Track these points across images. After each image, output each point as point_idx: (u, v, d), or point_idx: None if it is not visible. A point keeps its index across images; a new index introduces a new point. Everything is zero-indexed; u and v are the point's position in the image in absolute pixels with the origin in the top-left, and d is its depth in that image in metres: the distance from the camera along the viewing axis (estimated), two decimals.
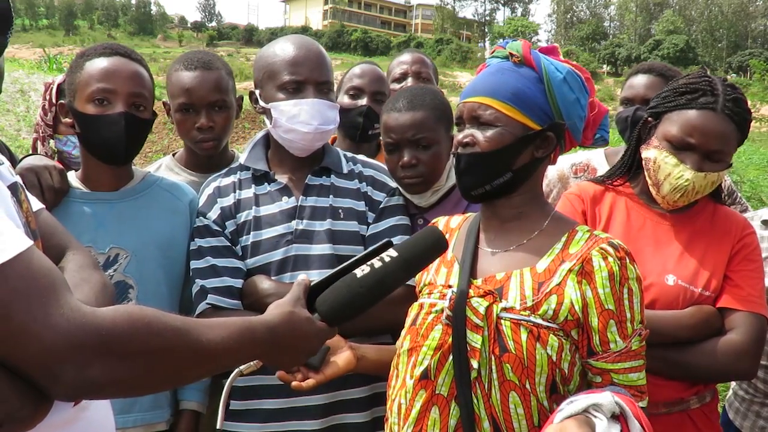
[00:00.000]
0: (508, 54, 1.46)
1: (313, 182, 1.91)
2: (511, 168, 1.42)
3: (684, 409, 1.75)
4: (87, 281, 1.27)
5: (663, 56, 59.19)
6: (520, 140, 1.41)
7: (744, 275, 1.73)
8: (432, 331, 1.39)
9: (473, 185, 1.45)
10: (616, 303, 1.33)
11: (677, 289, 1.72)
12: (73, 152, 2.27)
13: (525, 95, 1.41)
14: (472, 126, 1.43)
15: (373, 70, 2.66)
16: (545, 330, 1.32)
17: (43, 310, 0.92)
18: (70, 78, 1.85)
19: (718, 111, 1.66)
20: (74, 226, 1.80)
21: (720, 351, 1.66)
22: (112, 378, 0.96)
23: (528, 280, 1.37)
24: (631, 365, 1.34)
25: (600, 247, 1.36)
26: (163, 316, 1.04)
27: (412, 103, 1.92)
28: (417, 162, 1.92)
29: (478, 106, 1.42)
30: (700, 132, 1.67)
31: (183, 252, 1.94)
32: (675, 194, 1.73)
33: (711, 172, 1.69)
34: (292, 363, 1.28)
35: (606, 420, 1.15)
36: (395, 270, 1.29)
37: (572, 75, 1.44)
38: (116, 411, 1.41)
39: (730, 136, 1.68)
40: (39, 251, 1.01)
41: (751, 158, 17.85)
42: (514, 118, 1.40)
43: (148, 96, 1.86)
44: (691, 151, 1.69)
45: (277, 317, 1.22)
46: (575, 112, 1.45)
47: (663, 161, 1.72)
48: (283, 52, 1.87)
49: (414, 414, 1.37)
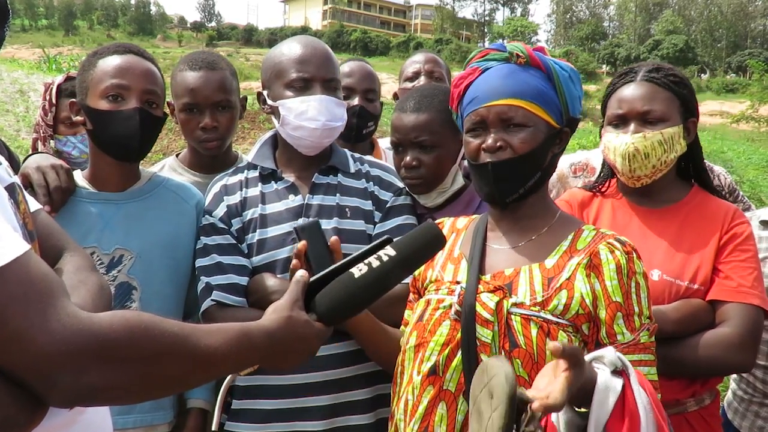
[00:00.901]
0: (509, 56, 1.46)
1: (320, 181, 1.92)
2: (541, 167, 1.45)
3: (681, 411, 1.74)
4: (84, 283, 1.26)
5: (662, 56, 59.28)
6: (548, 138, 1.43)
7: (734, 266, 1.72)
8: (440, 327, 1.39)
9: (510, 191, 1.44)
10: (624, 296, 1.34)
11: (662, 284, 1.73)
12: (72, 152, 2.27)
13: (546, 94, 1.43)
14: (499, 130, 1.42)
15: (362, 67, 2.66)
16: (555, 326, 1.33)
17: (40, 316, 0.91)
18: (81, 76, 1.85)
19: (638, 80, 1.81)
20: (80, 225, 1.81)
21: (711, 344, 1.64)
22: (109, 384, 0.96)
23: (537, 276, 1.38)
24: (639, 358, 1.34)
25: (607, 242, 1.38)
26: (160, 321, 1.03)
27: (419, 104, 1.93)
28: (419, 164, 1.93)
29: (508, 109, 1.41)
30: (626, 100, 1.80)
31: (188, 253, 1.93)
32: (626, 163, 1.78)
33: (650, 131, 1.76)
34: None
35: (607, 370, 1.17)
36: (393, 268, 1.28)
37: (575, 72, 1.48)
38: (116, 412, 1.40)
39: (656, 97, 1.78)
40: (37, 256, 1.00)
41: (751, 158, 17.87)
42: (542, 117, 1.42)
43: (161, 94, 1.87)
44: (627, 121, 1.80)
45: (275, 322, 1.20)
46: (577, 107, 1.49)
47: (608, 141, 1.83)
48: (290, 51, 1.89)
49: (421, 410, 1.37)
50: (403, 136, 1.94)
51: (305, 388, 1.78)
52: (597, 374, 1.16)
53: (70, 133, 2.32)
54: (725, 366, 1.69)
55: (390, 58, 57.48)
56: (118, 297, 1.82)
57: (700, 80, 56.54)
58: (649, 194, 1.86)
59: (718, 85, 53.54)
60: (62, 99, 2.37)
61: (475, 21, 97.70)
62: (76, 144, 2.29)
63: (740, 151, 19.61)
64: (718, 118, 31.40)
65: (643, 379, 1.22)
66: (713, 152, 17.83)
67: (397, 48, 65.41)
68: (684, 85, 1.82)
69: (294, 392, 1.78)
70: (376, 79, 2.68)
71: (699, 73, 62.48)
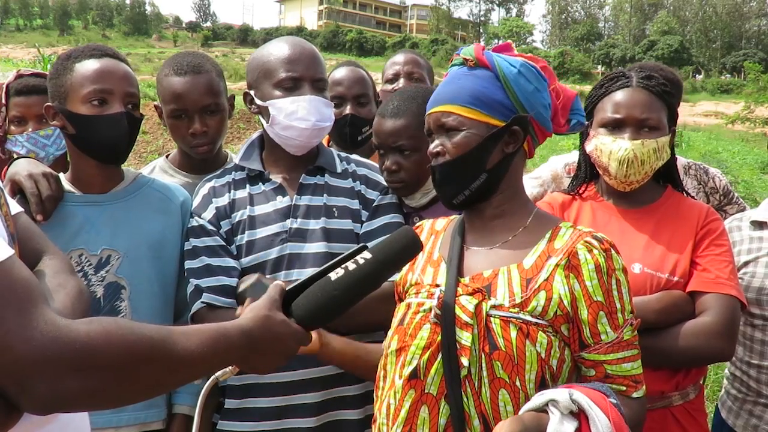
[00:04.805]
0: (462, 60, 1.50)
1: (308, 181, 1.92)
2: (485, 168, 1.45)
3: (666, 405, 1.77)
4: (63, 287, 1.26)
5: (657, 57, 59.48)
6: (486, 140, 1.43)
7: (711, 259, 1.77)
8: (420, 331, 1.40)
9: (453, 193, 1.47)
10: (605, 294, 1.35)
11: (644, 277, 1.77)
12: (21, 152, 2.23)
13: (483, 95, 1.44)
14: (440, 135, 1.47)
15: (352, 73, 2.64)
16: (534, 327, 1.33)
17: (18, 322, 0.91)
18: (57, 80, 1.83)
19: (634, 86, 1.84)
20: (67, 228, 1.82)
21: (692, 333, 1.68)
22: (86, 391, 0.96)
23: (516, 277, 1.38)
24: (624, 355, 1.36)
25: (585, 241, 1.38)
26: (137, 327, 1.03)
27: (398, 109, 1.94)
28: (399, 168, 1.94)
29: (441, 115, 1.46)
30: (624, 105, 1.82)
31: (175, 252, 1.94)
32: (623, 168, 1.81)
33: (648, 139, 1.80)
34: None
35: (560, 415, 1.18)
36: (369, 272, 1.29)
37: (526, 66, 1.46)
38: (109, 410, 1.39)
39: (652, 106, 1.82)
40: (19, 261, 1.00)
41: (746, 159, 17.94)
42: (476, 119, 1.43)
43: (139, 96, 1.89)
44: (623, 126, 1.82)
45: (251, 321, 1.20)
46: (537, 101, 1.46)
47: (602, 144, 1.85)
48: (278, 51, 1.89)
49: (403, 414, 1.37)
50: (382, 141, 1.96)
51: (296, 385, 1.79)
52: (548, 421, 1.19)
53: (18, 132, 2.28)
54: (707, 354, 1.72)
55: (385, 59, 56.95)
56: (107, 297, 1.82)
57: (695, 81, 56.76)
58: (627, 196, 1.90)
59: (713, 85, 53.78)
60: (11, 98, 2.31)
61: (471, 21, 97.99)
62: (23, 143, 2.25)
63: (735, 152, 19.69)
64: (713, 118, 31.54)
65: (608, 407, 1.22)
66: (708, 153, 17.90)
67: (392, 48, 65.40)
68: (671, 94, 1.86)
69: (285, 390, 1.80)
70: (367, 82, 2.66)
71: (694, 74, 62.73)
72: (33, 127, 2.26)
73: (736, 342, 1.77)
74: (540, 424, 1.19)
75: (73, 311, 1.18)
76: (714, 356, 1.76)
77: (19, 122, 2.29)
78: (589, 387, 1.27)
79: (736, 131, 26.19)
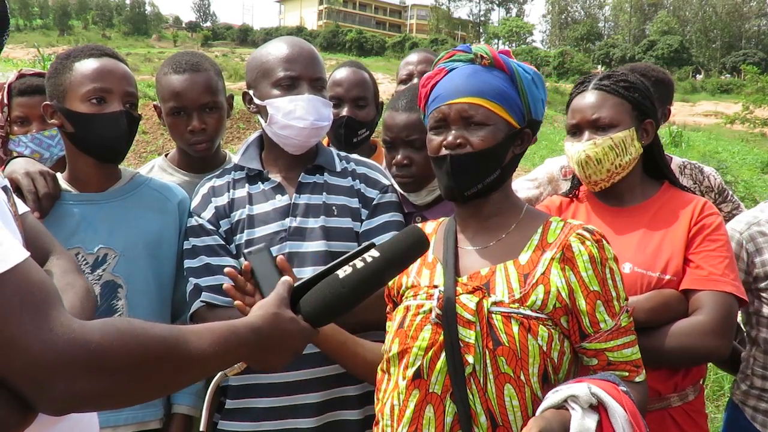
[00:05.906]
0: (474, 57, 1.49)
1: (307, 180, 1.93)
2: (501, 165, 1.48)
3: (665, 407, 1.77)
4: (72, 286, 1.28)
5: (657, 57, 59.53)
6: (508, 138, 1.47)
7: (705, 256, 1.75)
8: (421, 332, 1.41)
9: (468, 185, 1.48)
10: (601, 284, 1.39)
11: (634, 276, 1.76)
12: (24, 152, 2.23)
13: (507, 95, 1.46)
14: (460, 127, 1.46)
15: (352, 74, 2.63)
16: (535, 321, 1.36)
17: (34, 324, 0.92)
18: (55, 79, 1.85)
19: (589, 89, 1.88)
20: (63, 227, 1.83)
21: (685, 332, 1.67)
22: (101, 392, 0.97)
23: (513, 273, 1.41)
24: (624, 341, 1.40)
25: (577, 233, 1.42)
26: (150, 327, 1.05)
27: (410, 103, 1.97)
28: (410, 162, 1.97)
29: (468, 107, 1.45)
30: (578, 110, 1.88)
31: (172, 251, 1.96)
32: (582, 170, 1.86)
33: (601, 137, 1.82)
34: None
35: (581, 411, 1.20)
36: (377, 269, 1.31)
37: (538, 75, 1.53)
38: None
39: (604, 104, 1.84)
40: (35, 263, 1.01)
41: (745, 159, 17.96)
42: (502, 116, 1.46)
43: (138, 96, 1.91)
44: (581, 130, 1.87)
45: (260, 318, 1.23)
46: (541, 110, 1.53)
47: (567, 151, 1.92)
48: (276, 51, 1.90)
49: (408, 414, 1.38)
50: (394, 135, 1.98)
51: (297, 385, 1.80)
52: (570, 418, 1.20)
53: (21, 132, 2.28)
54: (700, 352, 1.71)
55: (385, 59, 57.49)
56: (104, 295, 1.83)
57: (695, 81, 56.76)
58: (616, 195, 1.91)
59: (712, 85, 53.72)
60: (14, 98, 2.30)
61: (471, 21, 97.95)
62: (27, 143, 2.25)
63: (735, 152, 19.72)
64: (712, 118, 31.54)
65: (621, 397, 1.24)
66: (708, 152, 17.92)
67: (392, 48, 65.44)
68: (635, 89, 1.86)
69: (286, 390, 1.81)
70: (367, 84, 2.65)
71: (694, 74, 62.70)
72: (36, 127, 2.27)
73: (731, 339, 1.74)
74: (563, 421, 1.21)
75: (82, 311, 1.21)
76: (707, 355, 1.75)
77: (22, 122, 2.29)
78: (600, 378, 1.29)
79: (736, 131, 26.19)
